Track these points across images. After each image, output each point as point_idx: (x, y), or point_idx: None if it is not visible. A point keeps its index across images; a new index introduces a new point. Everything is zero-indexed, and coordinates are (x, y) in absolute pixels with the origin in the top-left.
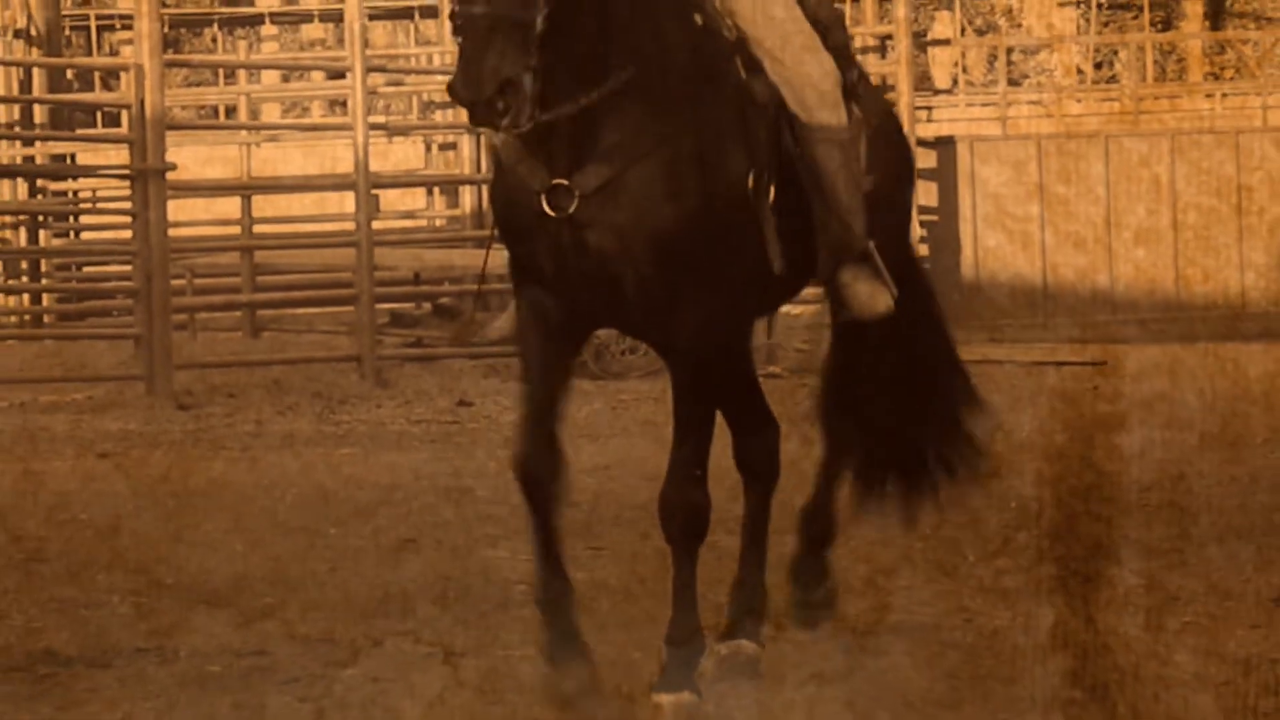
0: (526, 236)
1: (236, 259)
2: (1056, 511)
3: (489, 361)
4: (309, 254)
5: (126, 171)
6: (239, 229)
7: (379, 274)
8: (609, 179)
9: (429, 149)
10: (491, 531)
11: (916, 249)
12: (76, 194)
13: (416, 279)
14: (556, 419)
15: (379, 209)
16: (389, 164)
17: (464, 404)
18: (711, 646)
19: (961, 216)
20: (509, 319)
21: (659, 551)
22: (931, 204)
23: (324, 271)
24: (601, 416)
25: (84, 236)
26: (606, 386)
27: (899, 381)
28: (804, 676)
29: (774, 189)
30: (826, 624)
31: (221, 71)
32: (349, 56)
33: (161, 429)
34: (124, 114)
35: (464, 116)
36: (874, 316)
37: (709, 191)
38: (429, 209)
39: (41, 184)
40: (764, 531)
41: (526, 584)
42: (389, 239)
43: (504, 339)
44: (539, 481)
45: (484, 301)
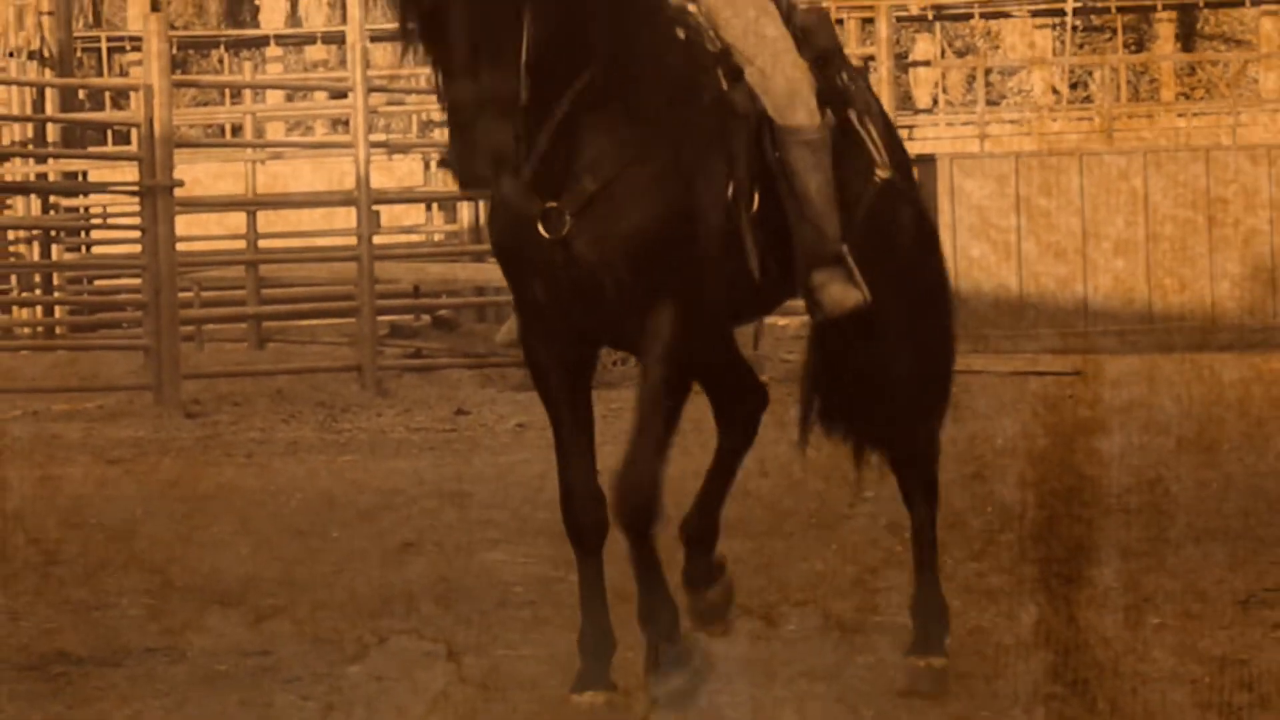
0: (526, 263)
1: (242, 273)
2: (1038, 513)
3: (486, 371)
4: (312, 268)
5: (136, 188)
6: (244, 244)
7: (380, 287)
8: (593, 194)
9: (428, 166)
10: (490, 535)
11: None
12: (88, 210)
13: (416, 292)
14: (591, 455)
15: (380, 224)
16: (390, 180)
17: (461, 412)
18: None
19: (944, 229)
20: (510, 328)
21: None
22: None
23: (326, 284)
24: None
25: (95, 251)
26: (599, 395)
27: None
28: (794, 673)
29: (757, 198)
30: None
31: (228, 91)
32: (351, 77)
33: (170, 436)
34: (134, 132)
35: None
36: (843, 313)
37: (689, 201)
38: (428, 224)
39: (54, 200)
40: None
41: (524, 585)
42: (389, 253)
43: (508, 345)
44: (587, 527)
45: (481, 313)
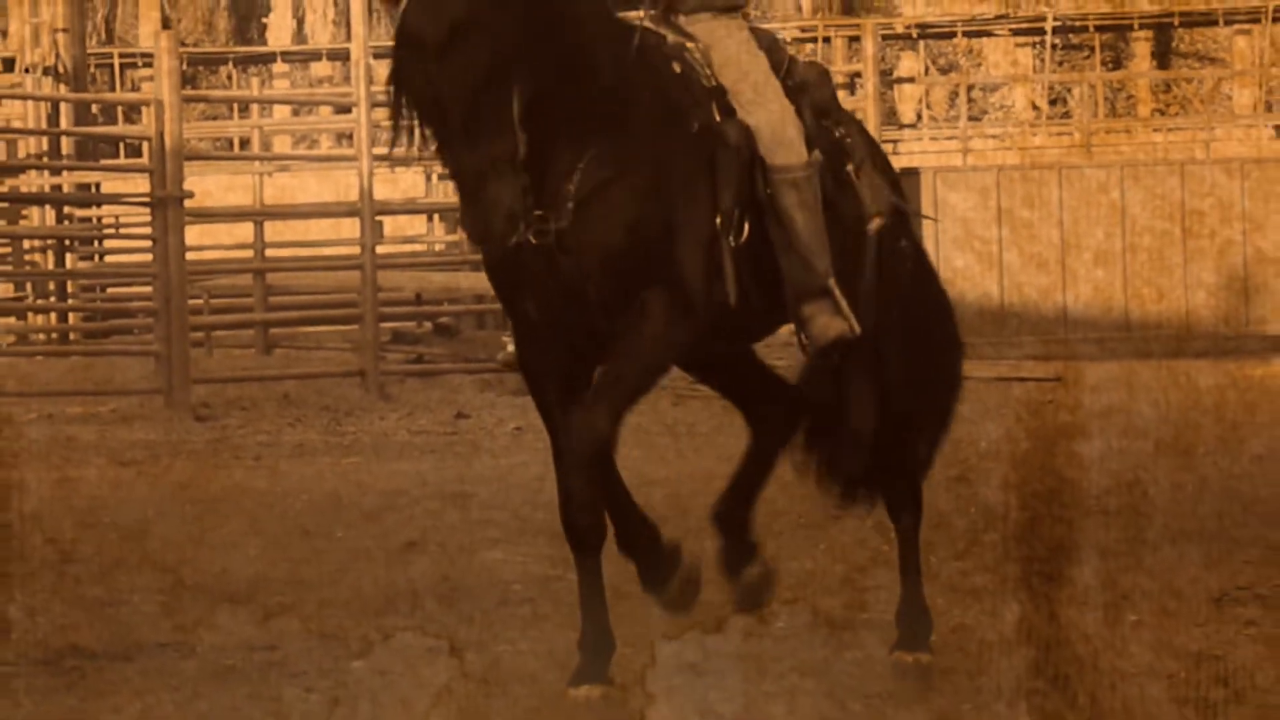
0: (517, 278)
1: (250, 281)
2: (1020, 514)
3: (485, 377)
4: (317, 276)
5: (147, 199)
6: (252, 253)
7: (383, 295)
8: (578, 203)
9: (429, 178)
10: (490, 534)
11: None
12: (101, 220)
13: (418, 299)
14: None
15: (383, 234)
16: (393, 192)
17: (462, 416)
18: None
19: (928, 240)
20: (512, 349)
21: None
22: None
23: (331, 292)
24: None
25: (108, 260)
26: None
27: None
28: (784, 668)
29: (747, 226)
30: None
31: (236, 106)
32: (355, 92)
33: (181, 439)
34: (145, 145)
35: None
36: (828, 344)
37: (669, 217)
38: (429, 234)
39: (68, 211)
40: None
41: (523, 583)
42: (392, 262)
43: (509, 365)
44: (587, 541)
45: (480, 320)
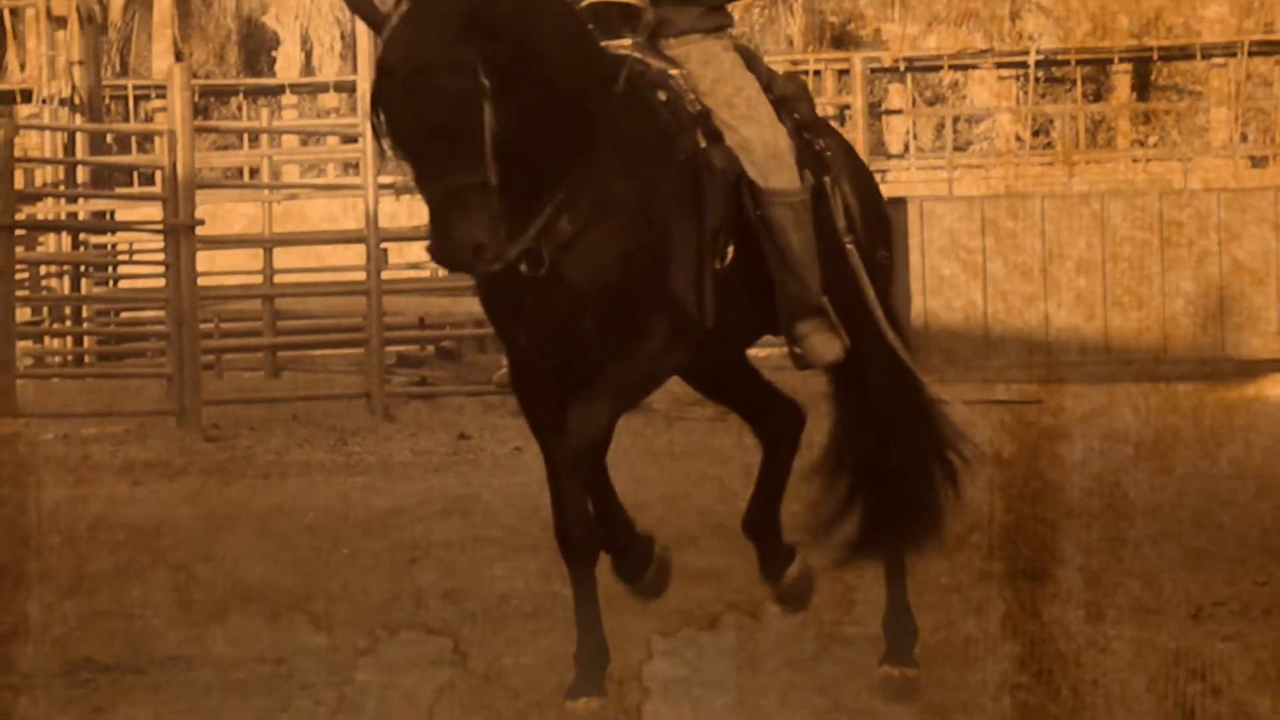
0: (508, 305)
1: (259, 305)
2: (1005, 515)
3: (486, 398)
4: (324, 301)
5: (160, 226)
6: (261, 278)
7: (387, 319)
8: (571, 238)
9: None
10: (490, 549)
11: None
12: (115, 246)
13: (421, 324)
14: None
15: (387, 260)
16: (396, 219)
17: (463, 437)
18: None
19: (914, 252)
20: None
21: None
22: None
23: (338, 317)
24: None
25: (122, 285)
26: None
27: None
28: (778, 663)
29: (732, 249)
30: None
31: (246, 136)
32: (361, 123)
33: (191, 458)
34: (158, 174)
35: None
36: (826, 365)
37: (659, 248)
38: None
39: (83, 237)
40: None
41: (521, 595)
42: (397, 288)
43: (505, 385)
44: (580, 548)
45: (482, 344)
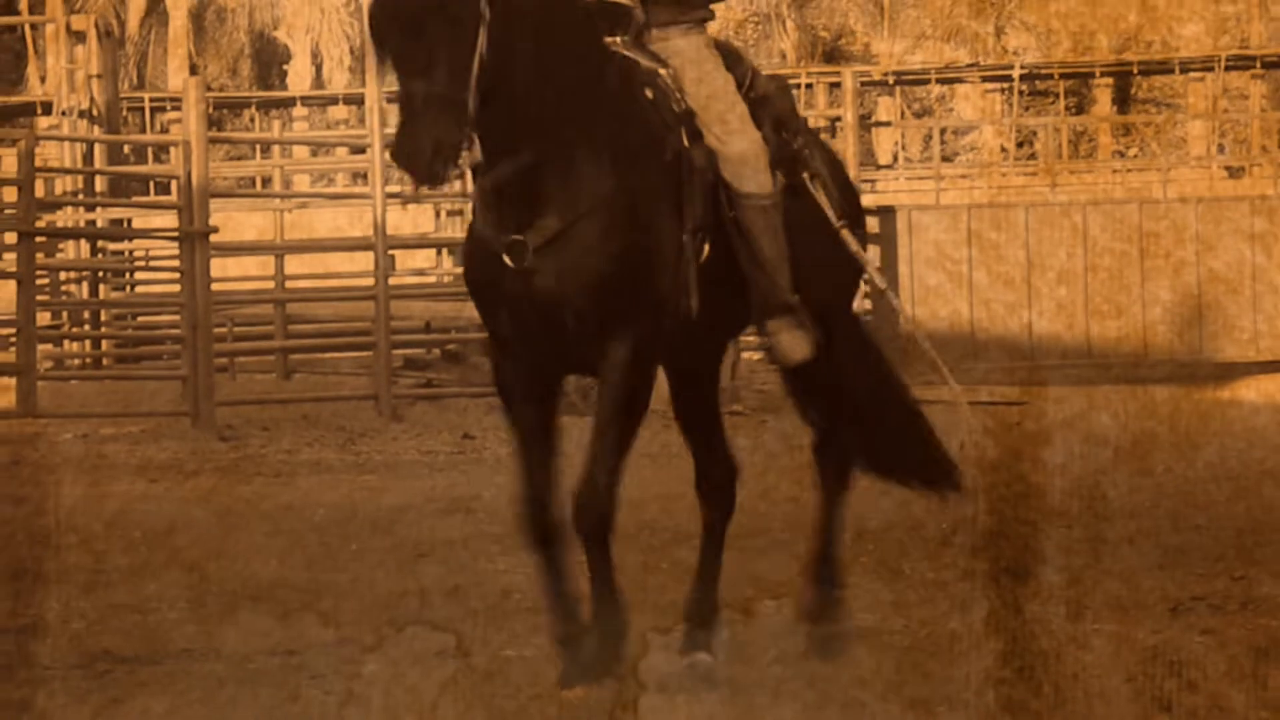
0: (494, 296)
1: (271, 310)
2: (988, 517)
3: (490, 400)
4: (334, 306)
5: (175, 233)
6: (273, 284)
7: (395, 323)
8: (556, 232)
9: (438, 214)
10: (493, 545)
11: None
12: (132, 253)
13: (428, 328)
14: (551, 474)
15: (395, 267)
16: (404, 227)
17: (468, 437)
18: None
19: (903, 262)
20: None
21: (636, 564)
22: (875, 263)
23: (347, 321)
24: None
25: (138, 290)
26: (579, 422)
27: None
28: (769, 659)
29: (709, 244)
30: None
31: (259, 147)
32: (369, 134)
33: (206, 458)
34: (173, 183)
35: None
36: (794, 364)
37: (644, 244)
38: (438, 267)
39: (101, 244)
40: (719, 552)
41: (524, 590)
42: (404, 293)
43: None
44: (540, 539)
45: (485, 348)
